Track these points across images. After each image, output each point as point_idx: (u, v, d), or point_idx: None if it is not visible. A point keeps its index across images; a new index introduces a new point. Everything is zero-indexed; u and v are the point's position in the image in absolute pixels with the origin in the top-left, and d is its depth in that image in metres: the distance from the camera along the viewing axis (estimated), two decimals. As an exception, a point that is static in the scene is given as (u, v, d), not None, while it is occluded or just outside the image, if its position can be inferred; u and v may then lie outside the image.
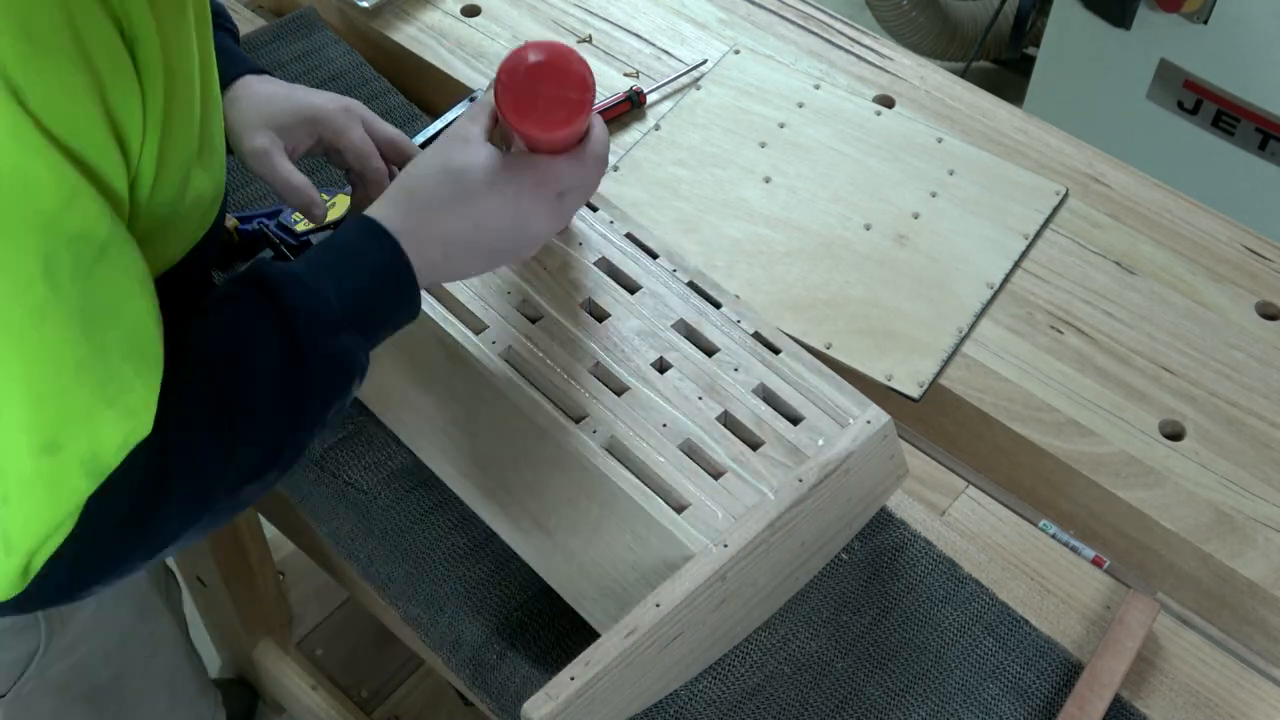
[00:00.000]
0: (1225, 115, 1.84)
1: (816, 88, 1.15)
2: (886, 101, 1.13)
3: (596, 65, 1.16)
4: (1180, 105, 1.89)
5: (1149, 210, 1.05)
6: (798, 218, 1.05)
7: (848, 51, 1.18)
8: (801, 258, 1.03)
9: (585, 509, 0.81)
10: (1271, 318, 0.98)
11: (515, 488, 0.85)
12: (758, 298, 1.00)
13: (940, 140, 1.10)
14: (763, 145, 1.10)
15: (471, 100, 1.11)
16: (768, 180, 1.08)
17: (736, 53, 1.18)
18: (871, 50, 1.18)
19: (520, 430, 0.84)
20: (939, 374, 0.95)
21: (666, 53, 1.17)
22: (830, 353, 0.96)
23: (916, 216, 1.05)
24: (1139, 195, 1.06)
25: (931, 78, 1.16)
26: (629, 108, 1.11)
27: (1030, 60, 2.15)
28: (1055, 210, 1.05)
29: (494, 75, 0.72)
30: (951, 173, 1.08)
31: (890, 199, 1.07)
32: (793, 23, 1.21)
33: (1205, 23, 1.78)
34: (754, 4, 1.23)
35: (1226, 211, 1.05)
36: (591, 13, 1.21)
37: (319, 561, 1.06)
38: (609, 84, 1.14)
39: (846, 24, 1.22)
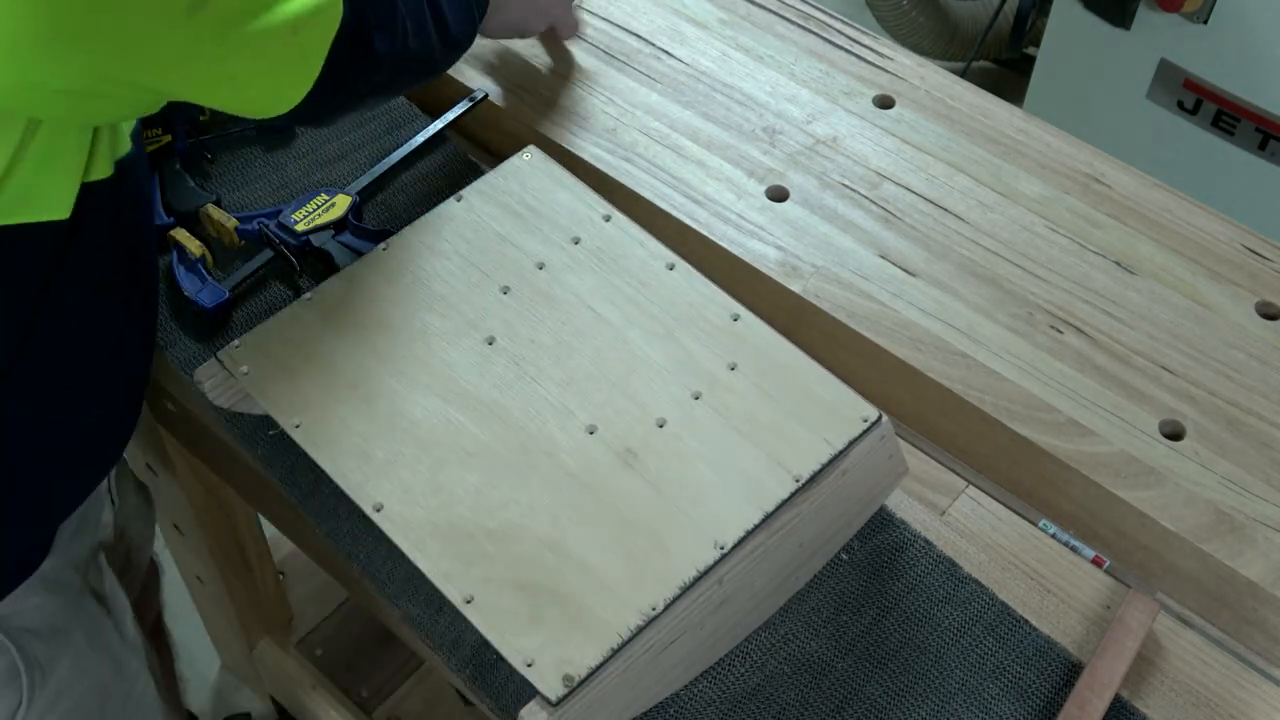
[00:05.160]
0: (1225, 115, 1.84)
1: (607, 219, 0.94)
2: (886, 102, 1.13)
3: (597, 65, 1.16)
4: (1180, 105, 1.89)
5: (1149, 210, 1.05)
6: (505, 402, 0.85)
7: (848, 51, 1.18)
8: (486, 461, 0.82)
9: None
10: (1271, 318, 0.98)
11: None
12: (405, 511, 0.80)
13: (736, 318, 0.88)
14: (505, 291, 0.90)
15: (471, 100, 1.11)
16: (490, 342, 0.87)
17: (526, 158, 0.99)
18: (871, 50, 1.18)
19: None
20: (598, 669, 0.74)
21: (666, 53, 1.17)
22: (467, 610, 0.76)
23: (662, 425, 0.83)
24: (1139, 195, 1.06)
25: (931, 78, 1.16)
26: None
27: (1030, 60, 2.15)
28: (851, 445, 0.83)
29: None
30: (733, 368, 0.86)
31: (637, 394, 0.85)
32: (793, 23, 1.21)
33: (1205, 23, 1.78)
34: (754, 4, 1.23)
35: (1226, 211, 1.05)
36: (591, 12, 1.21)
37: (319, 561, 1.06)
38: (608, 83, 1.14)
39: (846, 24, 1.21)
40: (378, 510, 0.80)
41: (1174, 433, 0.91)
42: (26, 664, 0.94)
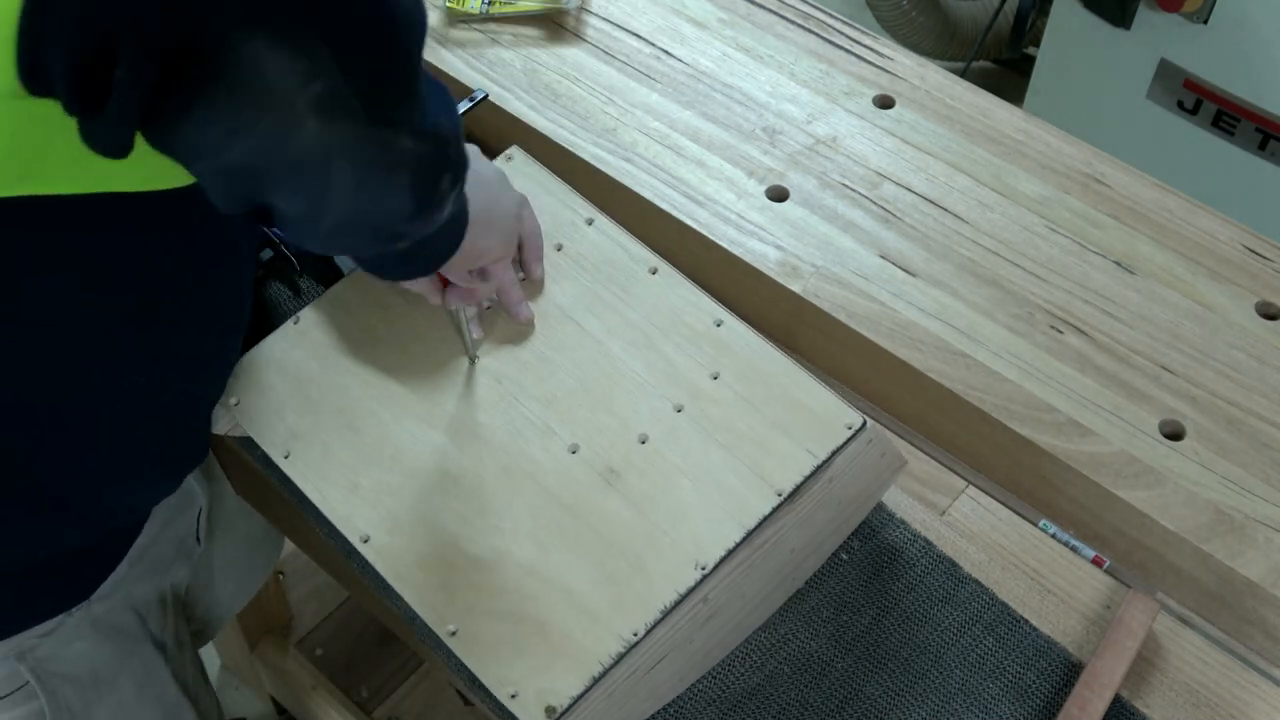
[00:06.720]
0: (1225, 115, 1.84)
1: (590, 223, 0.93)
2: (886, 102, 1.13)
3: (596, 65, 1.16)
4: (1180, 105, 1.89)
5: (1149, 210, 1.05)
6: (488, 423, 0.84)
7: (848, 51, 1.18)
8: (469, 487, 0.81)
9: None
10: (1271, 318, 0.98)
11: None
12: (392, 541, 0.80)
13: (719, 324, 0.87)
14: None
15: (471, 100, 1.11)
16: (473, 361, 0.87)
17: (509, 159, 0.97)
18: (871, 50, 1.18)
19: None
20: (580, 697, 0.74)
21: (666, 53, 1.17)
22: (451, 641, 0.76)
23: (644, 441, 0.82)
24: (1139, 195, 1.06)
25: (931, 78, 1.16)
26: None
27: (1030, 60, 2.15)
28: (835, 454, 0.82)
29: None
30: (715, 377, 0.85)
31: (619, 410, 0.84)
32: (793, 23, 1.21)
33: (1205, 23, 1.78)
34: (754, 4, 1.23)
35: (1226, 211, 1.05)
36: (591, 12, 1.21)
37: (319, 561, 1.06)
38: (608, 83, 1.14)
39: (846, 24, 1.21)
40: (365, 542, 0.81)
41: (1174, 433, 0.90)
42: (55, 712, 0.91)
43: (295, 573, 1.68)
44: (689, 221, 1.03)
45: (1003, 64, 2.68)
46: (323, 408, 0.85)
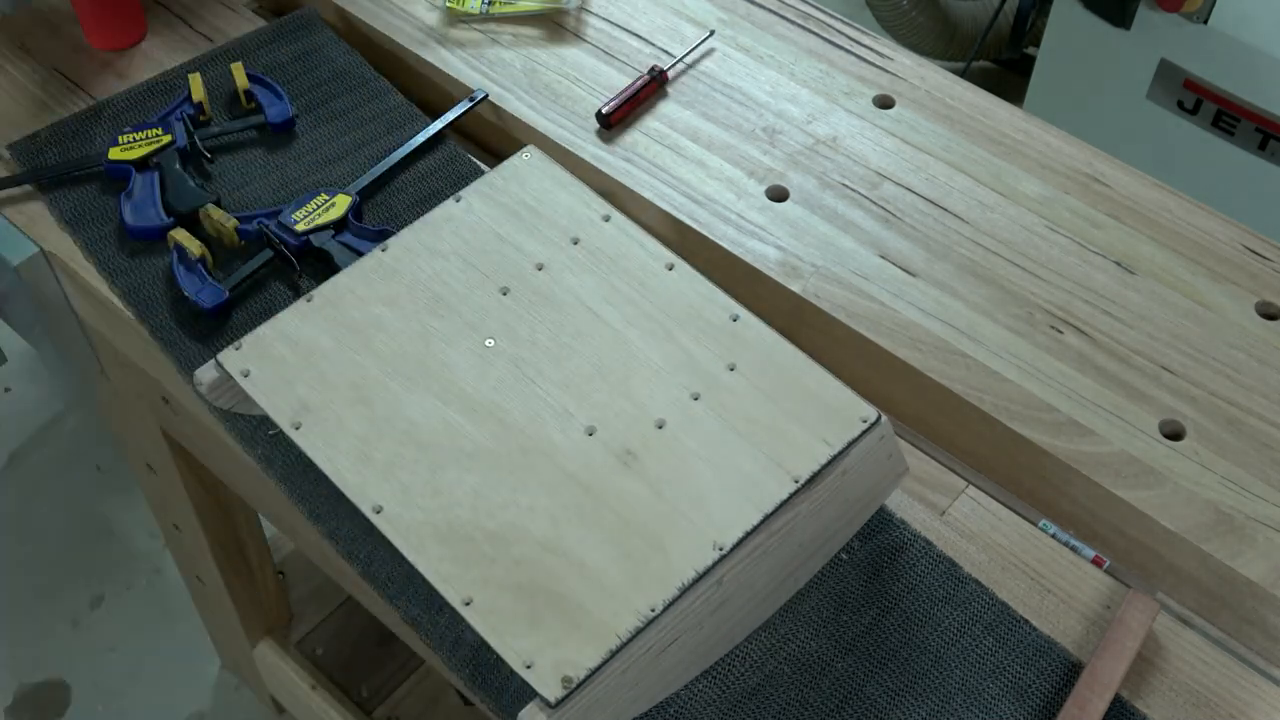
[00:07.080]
0: (1225, 115, 1.84)
1: (606, 219, 0.94)
2: (886, 102, 1.13)
3: (597, 65, 1.16)
4: (1180, 105, 1.89)
5: (1149, 210, 1.05)
6: (505, 404, 0.85)
7: (848, 51, 1.18)
8: (485, 463, 0.82)
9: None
10: (1271, 318, 0.98)
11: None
12: (405, 513, 0.80)
13: (735, 319, 0.89)
14: (504, 293, 0.90)
15: (471, 100, 1.11)
16: (489, 344, 0.88)
17: (525, 158, 0.99)
18: (871, 50, 1.18)
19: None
20: (597, 670, 0.74)
21: (666, 53, 1.17)
22: (466, 612, 0.77)
23: (661, 426, 0.84)
24: (1139, 195, 1.06)
25: (931, 78, 1.16)
26: (655, 87, 1.11)
27: (1030, 60, 2.15)
28: (850, 446, 0.82)
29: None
30: (732, 368, 0.86)
31: (636, 395, 0.85)
32: (793, 22, 1.21)
33: (1205, 23, 1.79)
34: (754, 4, 1.23)
35: (1226, 211, 1.05)
36: (591, 12, 1.21)
37: (319, 561, 1.06)
38: (608, 83, 1.14)
39: (846, 24, 1.22)
40: (377, 512, 0.80)
41: (1174, 433, 0.90)
42: None
43: (295, 573, 1.68)
44: (689, 221, 1.03)
45: (1003, 64, 2.68)
46: (335, 382, 0.86)
